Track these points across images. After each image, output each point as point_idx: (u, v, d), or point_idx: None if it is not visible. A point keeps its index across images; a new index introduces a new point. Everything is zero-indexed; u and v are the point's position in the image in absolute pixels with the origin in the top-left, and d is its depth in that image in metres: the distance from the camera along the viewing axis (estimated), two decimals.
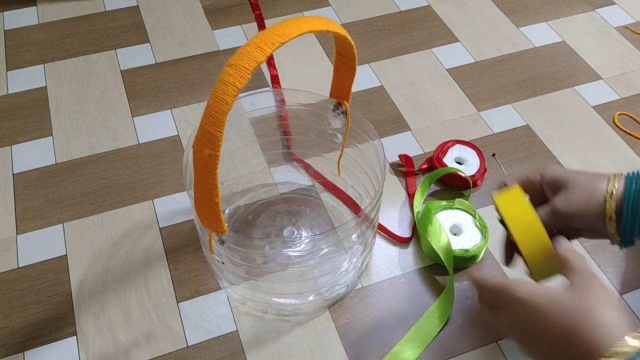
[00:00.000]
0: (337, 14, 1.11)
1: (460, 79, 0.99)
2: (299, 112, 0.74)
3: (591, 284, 0.46)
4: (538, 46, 1.05)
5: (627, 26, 1.10)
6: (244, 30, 1.07)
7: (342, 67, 0.62)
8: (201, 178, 0.50)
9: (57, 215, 0.79)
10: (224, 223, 0.54)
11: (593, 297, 0.45)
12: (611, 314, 0.43)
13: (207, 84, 0.97)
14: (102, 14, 1.10)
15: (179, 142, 0.88)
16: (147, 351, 0.67)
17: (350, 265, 0.70)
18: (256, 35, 0.48)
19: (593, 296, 0.45)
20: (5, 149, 0.87)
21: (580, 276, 0.47)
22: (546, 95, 0.97)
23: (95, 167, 0.85)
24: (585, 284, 0.46)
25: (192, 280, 0.73)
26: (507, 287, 0.49)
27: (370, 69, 1.00)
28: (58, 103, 0.94)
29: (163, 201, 0.81)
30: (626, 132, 0.91)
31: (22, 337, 0.68)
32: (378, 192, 0.62)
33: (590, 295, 0.45)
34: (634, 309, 0.71)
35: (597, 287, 0.46)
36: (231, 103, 0.46)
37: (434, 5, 1.13)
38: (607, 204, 0.51)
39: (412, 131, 0.91)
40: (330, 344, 0.68)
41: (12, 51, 1.03)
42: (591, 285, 0.46)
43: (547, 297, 0.46)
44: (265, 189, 0.82)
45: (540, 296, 0.47)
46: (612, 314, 0.43)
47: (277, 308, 0.70)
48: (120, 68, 1.00)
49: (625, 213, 0.50)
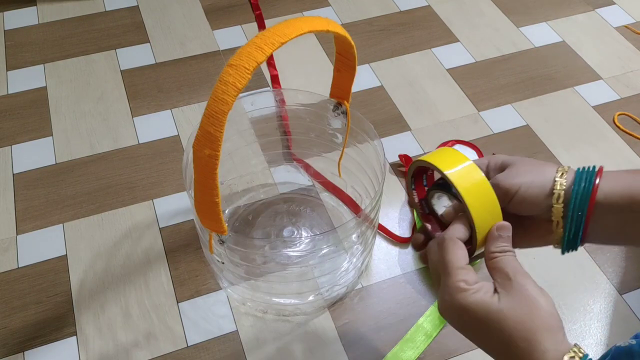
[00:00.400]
0: (337, 14, 1.11)
1: (460, 79, 0.99)
2: (299, 112, 0.74)
3: (530, 299, 0.42)
4: (538, 46, 1.05)
5: (627, 26, 1.10)
6: (244, 30, 1.07)
7: (342, 67, 0.62)
8: (201, 178, 0.50)
9: (57, 215, 0.79)
10: (224, 223, 0.54)
11: (533, 319, 0.41)
12: (550, 337, 0.41)
13: (207, 84, 0.97)
14: (102, 14, 1.10)
15: (179, 142, 0.88)
16: (147, 351, 0.67)
17: (350, 265, 0.70)
18: (256, 35, 0.48)
19: (533, 318, 0.41)
20: (5, 149, 0.87)
21: (519, 291, 0.42)
22: (546, 95, 0.97)
23: (95, 167, 0.85)
24: (524, 300, 0.42)
25: (192, 280, 0.73)
26: (447, 283, 0.44)
27: (370, 69, 1.00)
28: (58, 103, 0.94)
29: (163, 201, 0.81)
30: (626, 132, 0.91)
31: (22, 337, 0.68)
32: (378, 192, 0.62)
33: (530, 317, 0.41)
34: (634, 309, 0.71)
35: (537, 306, 0.42)
36: (231, 103, 0.46)
37: (434, 5, 1.13)
38: (557, 181, 0.46)
39: (412, 131, 0.91)
40: (330, 344, 0.68)
41: (12, 51, 1.03)
42: (530, 301, 0.42)
43: (486, 311, 0.42)
44: (265, 189, 0.82)
45: (479, 308, 0.42)
46: (551, 337, 0.41)
47: (277, 308, 0.70)
48: (120, 68, 1.00)
49: (570, 211, 0.45)
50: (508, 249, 0.45)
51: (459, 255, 0.45)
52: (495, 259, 0.45)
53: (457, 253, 0.45)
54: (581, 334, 0.70)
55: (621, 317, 0.71)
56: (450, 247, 0.45)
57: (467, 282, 0.43)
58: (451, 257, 0.45)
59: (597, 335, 0.69)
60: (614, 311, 0.71)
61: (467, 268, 0.44)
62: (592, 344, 0.69)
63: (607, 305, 0.72)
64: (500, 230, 0.46)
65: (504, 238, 0.46)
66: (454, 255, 0.45)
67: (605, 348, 0.68)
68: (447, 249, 0.45)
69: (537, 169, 0.48)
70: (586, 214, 0.45)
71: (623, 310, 0.72)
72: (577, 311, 0.71)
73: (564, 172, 0.47)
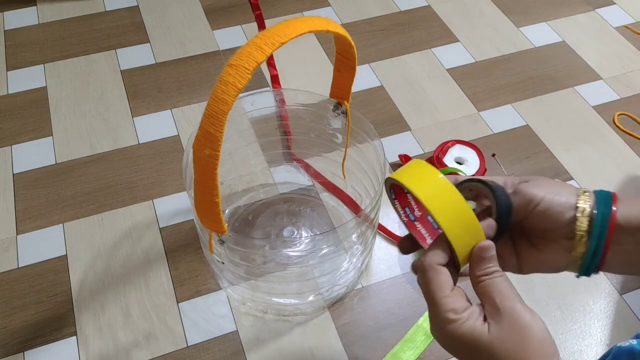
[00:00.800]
0: (337, 14, 1.11)
1: (460, 79, 0.99)
2: (299, 112, 0.74)
3: (520, 329, 0.41)
4: (538, 46, 1.05)
5: (627, 26, 1.10)
6: (244, 30, 1.07)
7: (342, 67, 0.62)
8: (201, 178, 0.50)
9: (57, 215, 0.79)
10: (224, 223, 0.54)
11: (524, 349, 0.40)
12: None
13: (207, 84, 0.97)
14: (102, 14, 1.10)
15: (179, 142, 0.88)
16: (147, 351, 0.67)
17: (350, 265, 0.70)
18: (256, 35, 0.48)
19: (524, 348, 0.40)
20: (5, 149, 0.87)
21: (508, 320, 0.41)
22: (546, 95, 0.97)
23: (95, 167, 0.85)
24: (515, 331, 0.41)
25: (192, 280, 0.73)
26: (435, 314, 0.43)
27: (370, 69, 1.00)
28: (58, 103, 0.94)
29: (163, 201, 0.81)
30: (626, 132, 0.91)
31: (22, 337, 0.68)
32: (378, 192, 0.62)
33: (521, 347, 0.40)
34: (634, 309, 0.71)
35: (527, 334, 0.41)
36: (231, 103, 0.46)
37: (434, 5, 1.13)
38: (579, 207, 0.44)
39: (412, 131, 0.91)
40: (330, 344, 0.68)
41: (12, 51, 1.03)
42: (521, 331, 0.41)
43: (476, 343, 0.41)
44: (265, 189, 0.82)
45: (470, 340, 0.41)
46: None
47: (277, 308, 0.70)
48: (120, 68, 1.00)
49: (595, 227, 0.44)
50: (494, 269, 0.43)
51: (442, 282, 0.42)
52: (482, 284, 0.43)
53: (440, 280, 0.42)
54: (581, 334, 0.70)
55: (621, 317, 0.71)
56: (432, 277, 0.43)
57: (456, 310, 0.41)
58: (434, 287, 0.42)
59: (597, 335, 0.69)
60: (614, 311, 0.71)
61: (454, 294, 0.42)
62: (592, 344, 0.69)
63: (607, 305, 0.72)
64: (482, 252, 0.43)
65: (488, 259, 0.43)
66: (436, 284, 0.42)
67: (606, 348, 0.68)
68: (429, 279, 0.43)
69: (559, 184, 0.46)
70: (607, 232, 0.44)
71: (623, 310, 0.72)
72: (577, 311, 0.71)
73: (586, 191, 0.46)
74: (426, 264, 0.43)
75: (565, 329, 0.70)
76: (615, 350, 0.48)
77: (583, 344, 0.69)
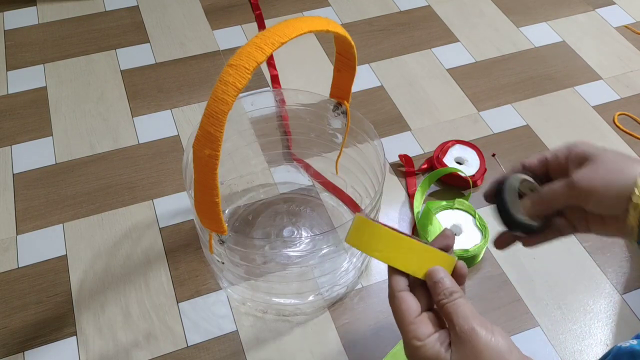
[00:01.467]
0: (337, 14, 1.11)
1: (460, 79, 0.99)
2: (299, 112, 0.74)
3: (479, 352, 0.41)
4: (538, 46, 1.05)
5: (627, 26, 1.10)
6: (244, 30, 1.07)
7: (342, 67, 0.62)
8: (201, 178, 0.50)
9: (57, 215, 0.79)
10: (224, 223, 0.54)
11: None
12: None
13: (207, 84, 0.97)
14: (102, 14, 1.10)
15: (179, 142, 0.88)
16: (147, 351, 0.67)
17: (350, 265, 0.70)
18: (256, 35, 0.48)
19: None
20: (5, 149, 0.87)
21: (466, 345, 0.42)
22: (546, 95, 0.97)
23: (95, 167, 0.85)
24: (473, 355, 0.42)
25: (192, 280, 0.73)
26: (404, 339, 0.44)
27: (370, 69, 1.00)
28: (58, 103, 0.94)
29: (163, 201, 0.81)
30: (626, 132, 0.91)
31: (22, 337, 0.68)
32: (378, 192, 0.62)
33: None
34: (634, 309, 0.71)
35: (484, 358, 0.42)
36: (231, 103, 0.46)
37: (434, 5, 1.13)
38: (636, 189, 0.44)
39: (412, 131, 0.91)
40: (330, 344, 0.68)
41: (12, 51, 1.03)
42: (479, 354, 0.41)
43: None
44: (265, 189, 0.82)
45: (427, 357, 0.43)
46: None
47: (277, 308, 0.70)
48: (120, 68, 1.00)
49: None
50: (450, 291, 0.44)
51: (404, 310, 0.44)
52: (443, 308, 0.44)
53: (402, 308, 0.44)
54: (581, 334, 0.70)
55: (621, 317, 0.71)
56: (396, 305, 0.45)
57: (419, 338, 0.43)
58: (398, 315, 0.44)
59: (597, 335, 0.69)
60: (614, 311, 0.71)
61: (418, 321, 0.44)
62: (592, 344, 0.69)
63: (607, 305, 0.72)
64: (430, 278, 0.45)
65: (442, 282, 0.44)
66: (400, 312, 0.44)
67: (606, 348, 0.68)
68: (394, 307, 0.45)
69: (618, 169, 0.47)
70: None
71: (623, 310, 0.72)
72: (577, 311, 0.71)
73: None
74: (390, 292, 0.46)
75: (565, 329, 0.70)
76: (616, 351, 0.48)
77: (583, 344, 0.69)
